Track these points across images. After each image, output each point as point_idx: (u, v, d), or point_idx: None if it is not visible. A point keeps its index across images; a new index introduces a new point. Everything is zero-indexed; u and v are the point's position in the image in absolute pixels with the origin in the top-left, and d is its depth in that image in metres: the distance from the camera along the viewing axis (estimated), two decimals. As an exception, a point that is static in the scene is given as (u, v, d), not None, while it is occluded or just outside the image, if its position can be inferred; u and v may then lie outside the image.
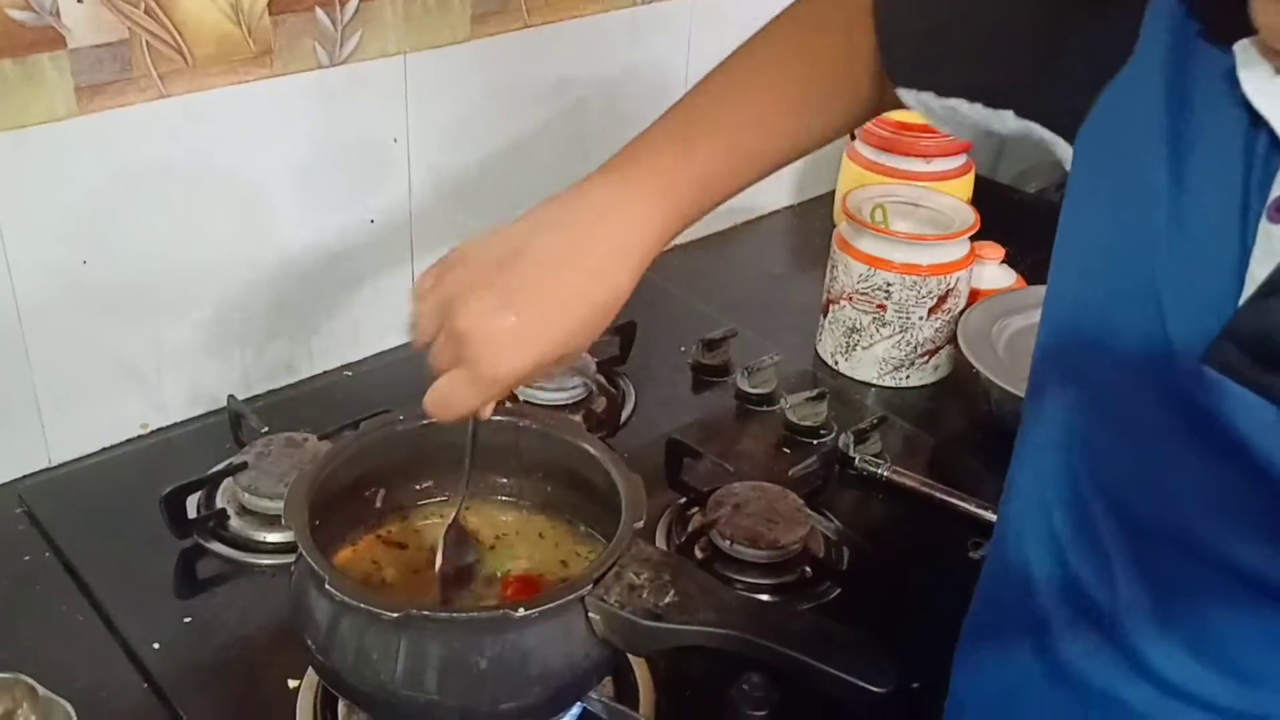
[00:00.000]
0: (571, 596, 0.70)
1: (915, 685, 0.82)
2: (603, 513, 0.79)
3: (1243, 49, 0.50)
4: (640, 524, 0.75)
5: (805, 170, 1.61)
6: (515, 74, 1.23)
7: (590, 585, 0.71)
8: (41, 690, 0.80)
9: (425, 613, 0.69)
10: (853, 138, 1.48)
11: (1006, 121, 0.69)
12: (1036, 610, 0.63)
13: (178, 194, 1.03)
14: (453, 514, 0.80)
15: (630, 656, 0.83)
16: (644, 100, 1.35)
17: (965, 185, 1.44)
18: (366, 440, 0.83)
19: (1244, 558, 0.52)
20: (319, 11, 1.05)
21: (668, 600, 0.71)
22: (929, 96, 0.73)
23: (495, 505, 0.87)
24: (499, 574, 0.81)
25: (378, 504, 0.84)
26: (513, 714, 0.73)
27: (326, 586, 0.69)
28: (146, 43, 0.96)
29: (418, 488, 0.86)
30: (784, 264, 1.53)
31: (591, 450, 0.80)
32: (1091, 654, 0.60)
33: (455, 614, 0.72)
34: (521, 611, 0.68)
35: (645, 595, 0.72)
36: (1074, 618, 0.61)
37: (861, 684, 0.67)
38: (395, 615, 0.68)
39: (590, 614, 0.71)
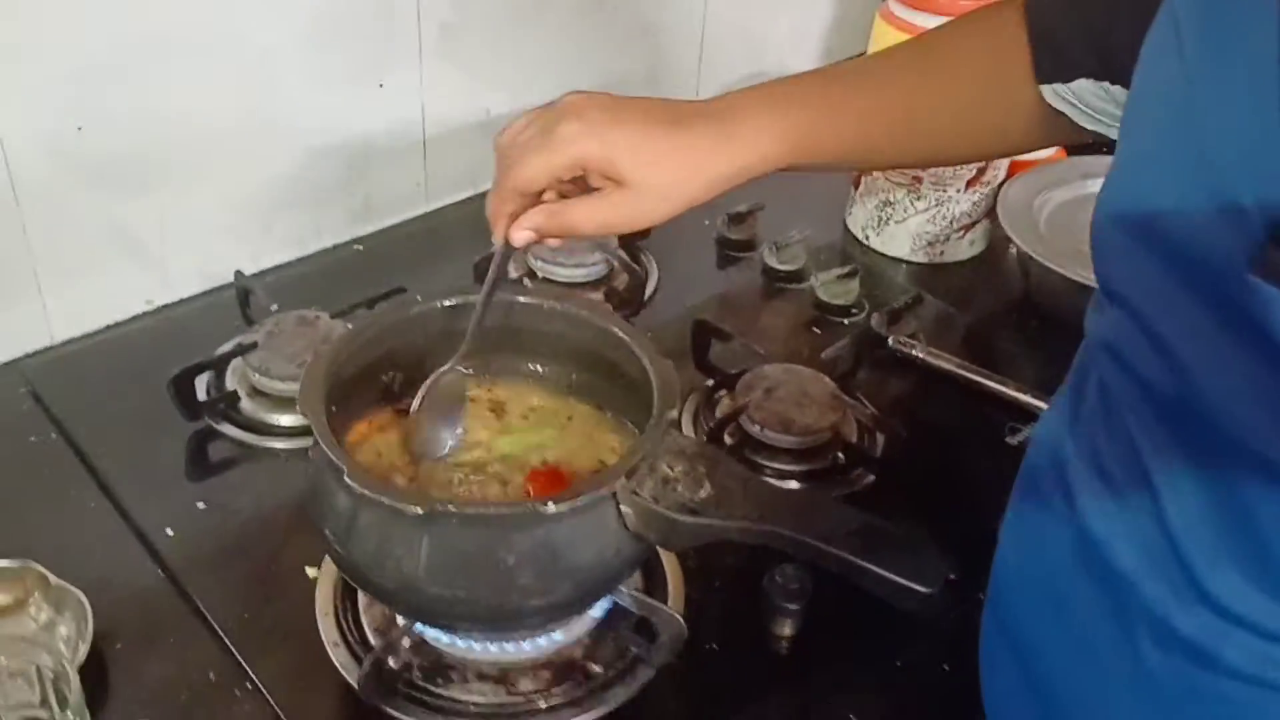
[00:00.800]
0: (603, 491, 0.66)
1: (952, 577, 0.79)
2: (632, 399, 0.75)
3: None
4: (674, 413, 0.71)
5: (833, 31, 1.53)
6: (532, -74, 1.15)
7: (622, 478, 0.67)
8: (53, 579, 0.78)
9: (451, 508, 0.65)
10: (886, -3, 1.40)
11: None
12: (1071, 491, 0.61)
13: (179, 61, 0.97)
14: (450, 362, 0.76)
15: (659, 549, 0.81)
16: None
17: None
18: (382, 323, 0.78)
19: None
20: None
21: (704, 494, 0.68)
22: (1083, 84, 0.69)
23: (524, 384, 0.82)
24: (527, 458, 0.78)
25: (395, 389, 0.80)
26: (542, 610, 0.70)
27: (346, 479, 0.65)
28: (136, -110, 0.89)
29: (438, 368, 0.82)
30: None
31: (620, 334, 0.76)
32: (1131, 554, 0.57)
33: (482, 509, 0.68)
34: (552, 507, 0.65)
35: (680, 489, 0.68)
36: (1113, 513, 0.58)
37: (909, 584, 0.64)
38: (419, 510, 0.64)
39: (622, 507, 0.68)
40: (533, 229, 0.71)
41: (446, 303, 0.78)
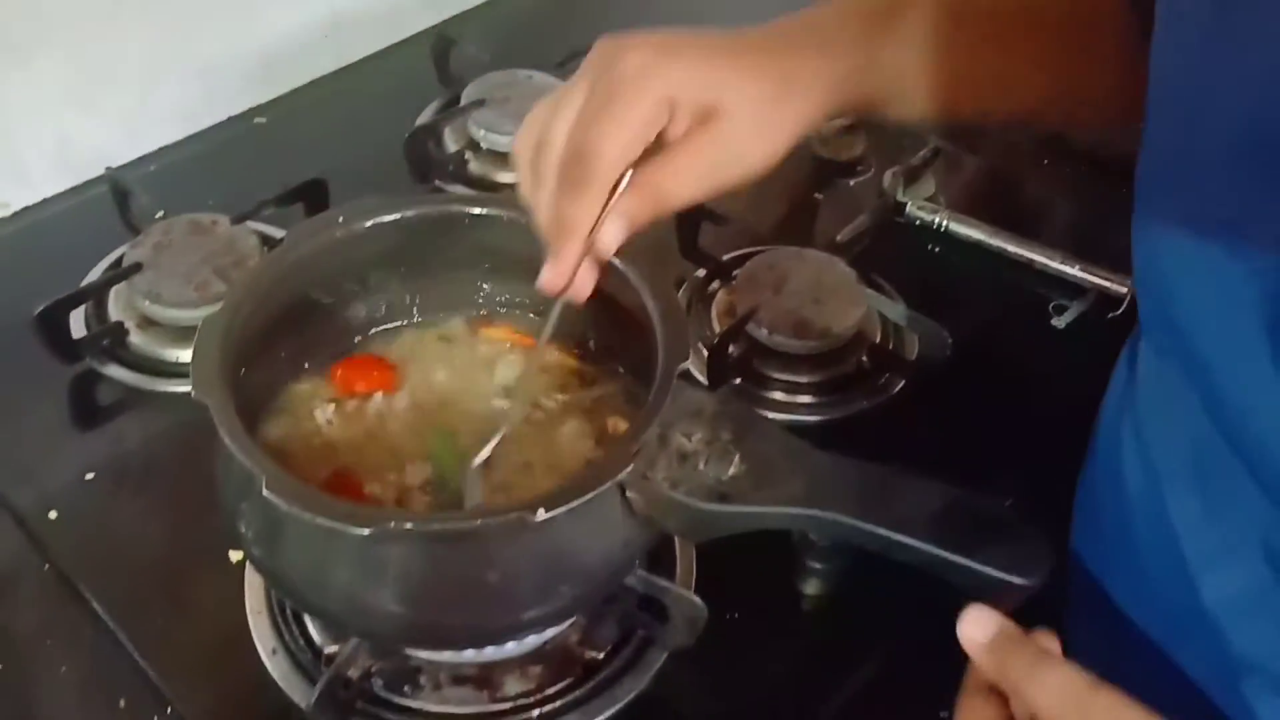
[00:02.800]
0: (604, 487, 0.51)
1: (1009, 502, 0.65)
2: (631, 344, 0.58)
3: None
4: (685, 364, 0.55)
5: None
6: None
7: (628, 465, 0.51)
8: (-95, 596, 0.61)
9: (409, 525, 0.49)
10: None
11: None
12: None
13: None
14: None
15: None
16: None
17: None
18: (292, 258, 0.60)
19: None
20: None
21: (734, 471, 0.53)
22: None
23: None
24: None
25: (315, 338, 0.63)
26: (534, 621, 0.56)
27: (265, 493, 0.49)
28: None
29: (368, 312, 0.65)
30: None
31: (614, 259, 0.59)
32: None
33: (450, 524, 0.52)
34: (542, 514, 0.49)
35: (703, 466, 0.53)
36: None
37: (1006, 577, 0.50)
38: (367, 532, 0.48)
39: (629, 493, 0.52)
40: (627, 220, 0.51)
41: (372, 221, 0.60)
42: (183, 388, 0.74)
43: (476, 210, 0.62)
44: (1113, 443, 0.56)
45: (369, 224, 0.61)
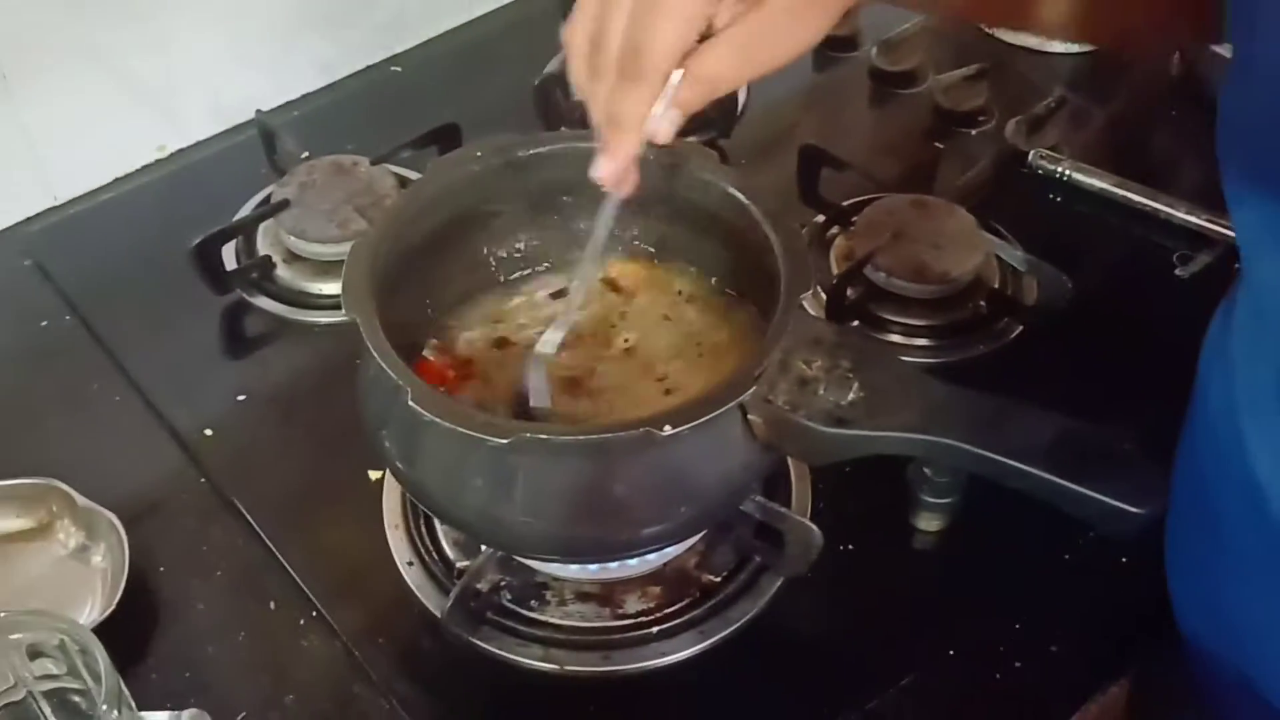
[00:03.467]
0: (728, 406, 0.53)
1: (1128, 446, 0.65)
2: (754, 276, 0.61)
3: None
4: (808, 293, 0.57)
5: None
6: None
7: (751, 387, 0.53)
8: (80, 499, 0.67)
9: (544, 436, 0.52)
10: None
11: None
12: None
13: None
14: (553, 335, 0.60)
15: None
16: None
17: None
18: (435, 188, 0.63)
19: None
20: None
21: (852, 397, 0.54)
22: None
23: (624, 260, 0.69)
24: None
25: (463, 272, 0.66)
26: (656, 537, 0.58)
27: (410, 404, 0.52)
28: None
29: (518, 247, 0.68)
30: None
31: (738, 195, 0.61)
32: None
33: (583, 437, 0.55)
34: (667, 429, 0.51)
35: (822, 392, 0.54)
36: None
37: (1119, 504, 0.51)
38: (506, 441, 0.51)
39: (751, 416, 0.55)
40: (680, 109, 0.52)
41: (519, 152, 0.63)
42: (326, 318, 0.80)
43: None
44: (1205, 379, 0.56)
45: (504, 160, 0.64)
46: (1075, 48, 0.98)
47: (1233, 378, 0.53)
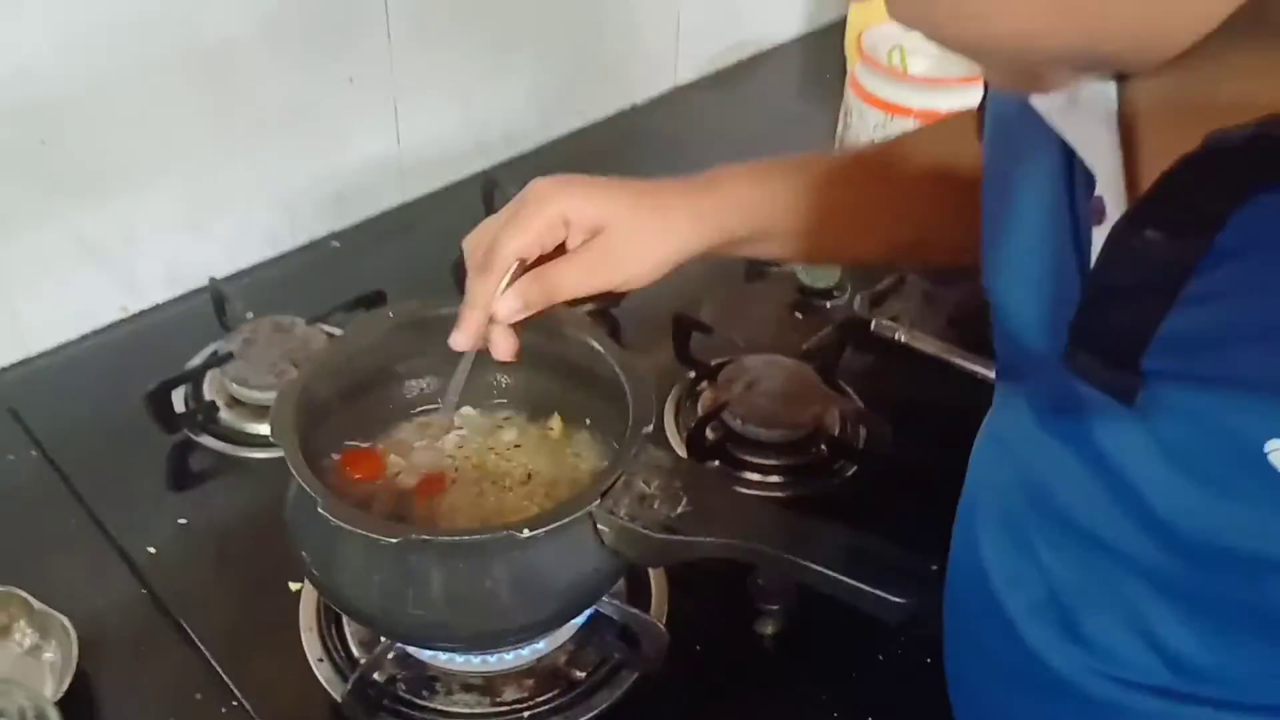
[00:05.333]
0: (578, 514, 0.66)
1: (934, 567, 0.78)
2: (609, 411, 0.74)
3: None
4: (649, 428, 0.70)
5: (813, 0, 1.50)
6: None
7: (598, 499, 0.66)
8: (36, 604, 0.78)
9: (425, 537, 0.65)
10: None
11: None
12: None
13: (134, 58, 0.95)
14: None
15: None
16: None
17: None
18: (355, 344, 0.77)
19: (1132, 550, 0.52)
20: None
21: (681, 510, 0.67)
22: None
23: (493, 411, 0.82)
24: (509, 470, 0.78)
25: (373, 409, 0.79)
26: (524, 628, 0.70)
27: (320, 510, 0.65)
28: (86, -104, 0.86)
29: (416, 387, 0.82)
30: (793, 102, 1.45)
31: (594, 343, 0.75)
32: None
33: (459, 538, 0.68)
34: (527, 532, 0.64)
35: (657, 506, 0.68)
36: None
37: (887, 596, 0.64)
38: (395, 540, 0.64)
39: (599, 526, 0.67)
40: (520, 299, 0.67)
41: (419, 313, 0.78)
42: (261, 454, 0.92)
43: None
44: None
45: (412, 319, 0.78)
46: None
47: (975, 500, 0.67)
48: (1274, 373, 0.43)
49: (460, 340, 0.69)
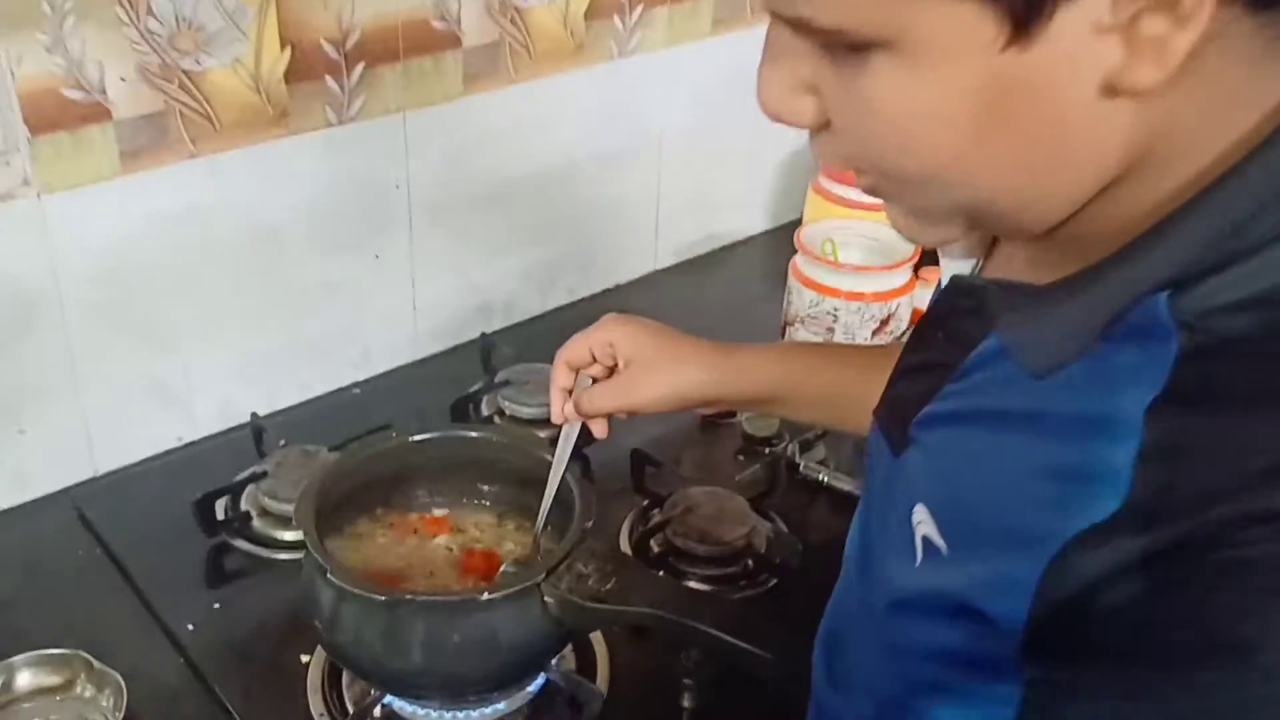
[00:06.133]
0: (529, 583, 0.85)
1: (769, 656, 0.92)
2: (564, 515, 0.94)
3: None
4: (589, 525, 0.90)
5: (777, 200, 1.76)
6: (503, 124, 1.38)
7: (544, 574, 0.86)
8: (96, 664, 0.96)
9: (407, 596, 0.84)
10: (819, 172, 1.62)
11: None
12: None
13: (204, 238, 1.19)
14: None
15: (592, 636, 0.99)
16: (622, 141, 1.51)
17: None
18: (364, 454, 0.98)
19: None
20: (328, 79, 1.21)
21: (609, 587, 0.86)
22: None
23: (476, 510, 1.02)
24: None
25: (377, 509, 1.00)
26: (483, 680, 0.88)
27: (328, 575, 0.84)
28: (180, 112, 1.12)
29: (412, 494, 1.02)
30: (754, 286, 1.67)
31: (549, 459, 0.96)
32: None
33: (432, 597, 0.87)
34: (486, 595, 0.84)
35: (591, 583, 0.86)
36: None
37: (751, 649, 0.82)
38: (382, 598, 0.83)
39: (545, 598, 0.86)
40: (573, 407, 0.92)
41: (413, 439, 0.99)
42: (284, 556, 1.11)
43: (473, 434, 1.00)
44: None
45: (406, 441, 0.99)
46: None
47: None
48: (940, 453, 0.60)
49: (552, 414, 0.93)
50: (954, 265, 0.68)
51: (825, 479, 1.23)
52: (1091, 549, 0.48)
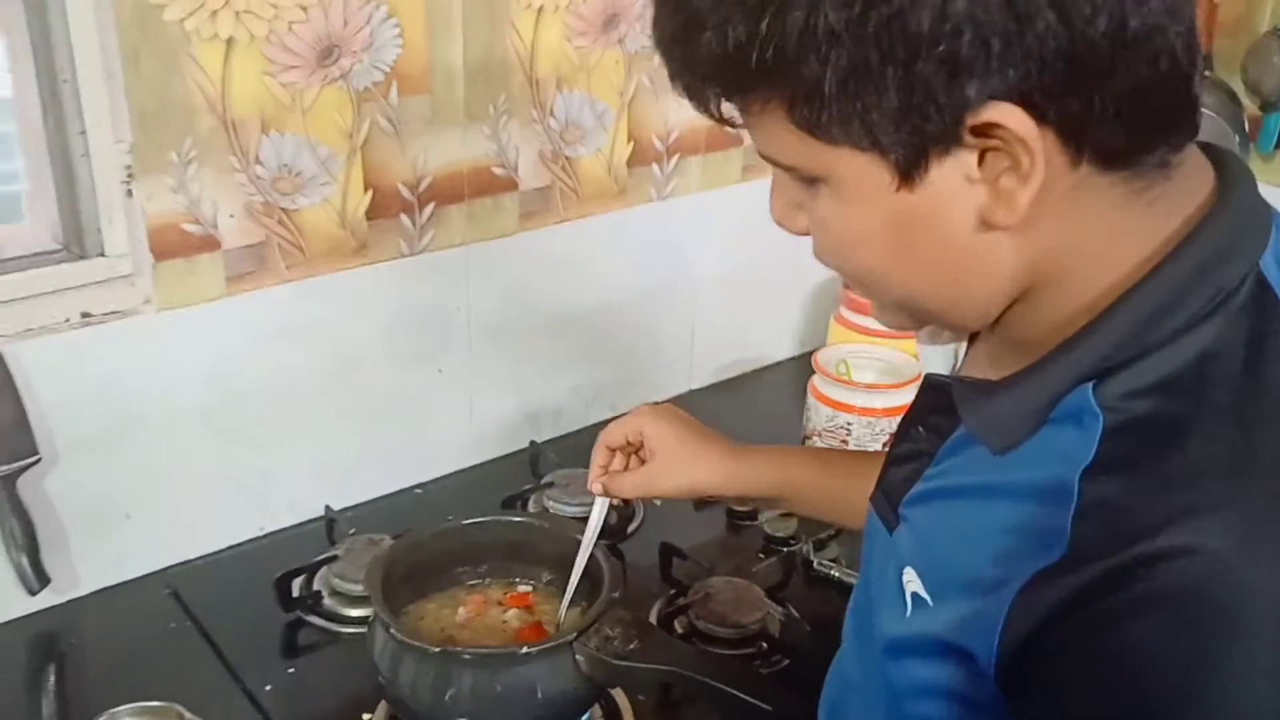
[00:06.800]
0: (563, 640, 0.99)
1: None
2: (595, 588, 1.08)
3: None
4: (617, 595, 1.04)
5: (804, 329, 1.92)
6: (554, 256, 1.56)
7: (576, 634, 0.99)
8: (188, 714, 1.10)
9: (456, 649, 0.99)
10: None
11: None
12: None
13: (292, 352, 1.37)
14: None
15: (619, 701, 1.12)
16: (661, 273, 1.68)
17: (929, 342, 1.73)
18: (422, 535, 1.14)
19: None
20: (403, 216, 1.40)
21: (631, 647, 1.00)
22: None
23: (523, 585, 1.17)
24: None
25: (437, 586, 1.15)
26: (525, 729, 1.02)
27: (390, 631, 0.99)
28: (278, 244, 1.31)
29: (464, 571, 1.16)
30: (781, 404, 1.82)
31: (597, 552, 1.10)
32: None
33: (477, 650, 1.01)
34: (525, 649, 0.98)
35: (616, 643, 1.00)
36: None
37: (753, 700, 0.95)
38: (435, 650, 0.98)
39: (577, 655, 1.00)
40: (603, 486, 1.09)
41: (464, 522, 1.14)
42: (350, 630, 1.26)
43: (517, 519, 1.15)
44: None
45: (460, 526, 1.14)
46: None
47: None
48: (924, 525, 0.73)
49: (589, 483, 1.10)
50: (926, 349, 0.84)
51: (836, 574, 1.35)
52: (1044, 586, 0.59)
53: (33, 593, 1.24)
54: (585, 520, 1.38)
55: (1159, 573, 0.56)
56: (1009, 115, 0.58)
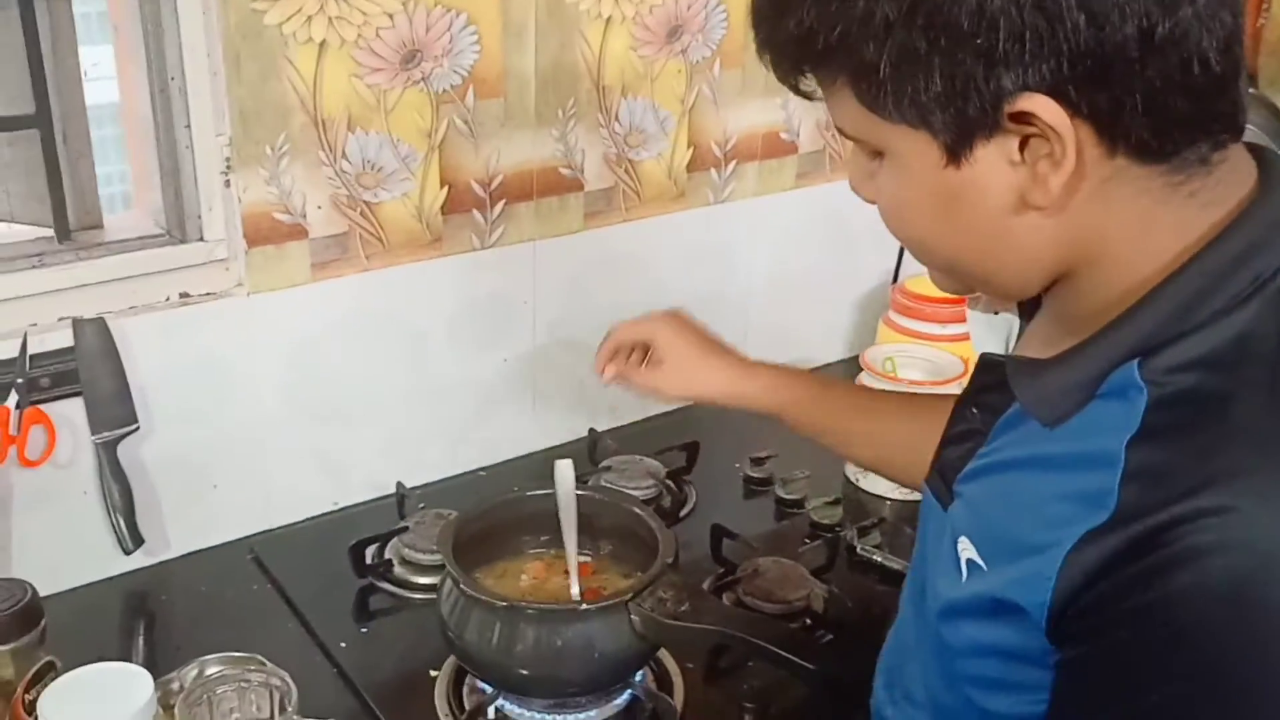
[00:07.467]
0: (620, 600, 1.06)
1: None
2: (648, 554, 1.15)
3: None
4: (670, 560, 1.11)
5: (853, 331, 1.98)
6: (616, 254, 1.65)
7: (632, 595, 1.07)
8: (269, 664, 1.19)
9: (521, 603, 1.07)
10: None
11: None
12: None
13: (369, 337, 1.46)
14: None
15: (669, 664, 1.19)
16: (714, 273, 1.76)
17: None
18: (492, 502, 1.22)
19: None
20: (475, 212, 1.49)
21: (683, 608, 1.07)
22: None
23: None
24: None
25: (504, 549, 1.23)
26: (580, 685, 1.09)
27: (460, 585, 1.07)
28: (360, 235, 1.41)
29: (528, 539, 1.25)
30: (831, 405, 1.90)
31: (641, 514, 1.18)
32: None
33: (540, 605, 1.09)
34: (585, 606, 1.05)
35: (669, 605, 1.08)
36: None
37: (797, 660, 1.02)
38: (502, 605, 1.06)
39: (632, 615, 1.07)
40: (616, 373, 1.20)
41: (528, 493, 1.23)
42: (418, 597, 1.34)
43: (579, 491, 1.22)
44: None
45: (519, 497, 1.23)
46: (895, 491, 1.55)
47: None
48: (978, 498, 0.79)
49: (595, 367, 1.25)
50: (975, 315, 0.90)
51: (879, 559, 1.42)
52: (1093, 544, 0.66)
53: (127, 552, 1.34)
54: (645, 503, 1.48)
55: (1199, 529, 0.63)
56: (1042, 106, 0.65)
